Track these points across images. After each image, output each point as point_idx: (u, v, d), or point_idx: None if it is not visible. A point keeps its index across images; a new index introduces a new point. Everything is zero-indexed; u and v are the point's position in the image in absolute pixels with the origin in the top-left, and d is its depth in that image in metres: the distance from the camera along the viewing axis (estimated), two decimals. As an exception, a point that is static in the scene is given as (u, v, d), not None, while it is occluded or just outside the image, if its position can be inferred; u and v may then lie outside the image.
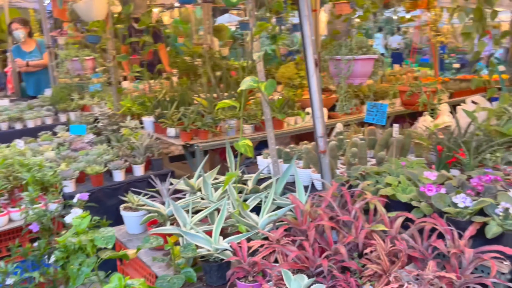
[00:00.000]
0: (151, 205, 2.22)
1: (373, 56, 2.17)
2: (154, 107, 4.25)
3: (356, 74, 2.15)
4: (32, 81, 6.21)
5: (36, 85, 6.22)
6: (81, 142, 3.85)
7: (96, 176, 3.16)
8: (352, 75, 2.14)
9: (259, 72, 2.43)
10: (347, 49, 2.12)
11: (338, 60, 2.15)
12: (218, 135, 4.01)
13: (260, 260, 1.66)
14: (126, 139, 3.73)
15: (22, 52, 6.04)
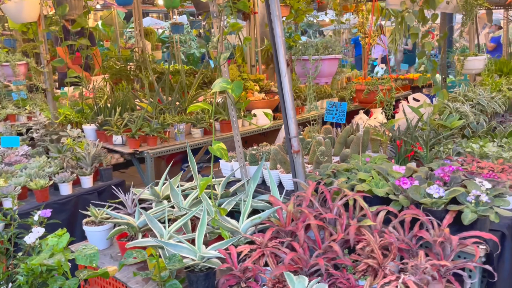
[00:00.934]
0: (119, 217, 2.08)
1: (338, 56, 2.22)
2: (95, 114, 4.00)
3: (322, 74, 2.19)
4: None
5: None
6: (15, 155, 3.52)
7: (41, 191, 2.90)
8: (318, 75, 2.18)
9: (223, 74, 2.38)
10: (314, 49, 2.15)
11: (305, 60, 2.17)
12: (166, 141, 3.88)
13: (252, 265, 1.62)
14: (68, 150, 3.47)
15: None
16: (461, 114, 3.09)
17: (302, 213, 1.85)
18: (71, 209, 3.05)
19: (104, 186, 3.27)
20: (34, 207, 2.85)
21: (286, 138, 2.18)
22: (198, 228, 1.83)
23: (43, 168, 3.21)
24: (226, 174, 2.79)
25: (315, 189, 2.00)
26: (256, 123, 4.81)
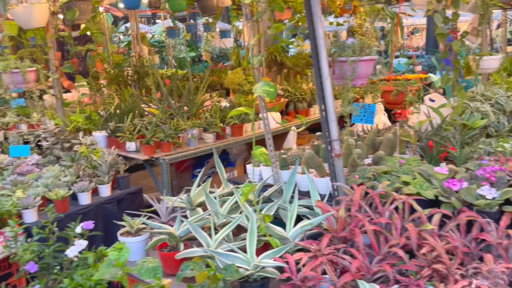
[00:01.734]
0: (158, 227, 2.01)
1: (374, 57, 2.20)
2: (105, 121, 3.90)
3: (359, 75, 2.15)
4: None
5: None
6: (26, 165, 3.40)
7: (61, 201, 2.81)
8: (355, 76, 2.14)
9: (256, 77, 2.33)
10: (351, 51, 2.11)
11: (342, 62, 2.13)
12: (180, 146, 3.81)
13: (313, 273, 1.57)
14: (82, 158, 3.37)
15: None
16: (482, 114, 3.09)
17: (353, 218, 1.81)
18: (92, 219, 2.94)
19: (122, 194, 3.19)
20: (55, 218, 2.76)
21: (325, 141, 2.14)
22: (249, 236, 1.78)
23: (59, 177, 3.11)
24: (254, 179, 2.74)
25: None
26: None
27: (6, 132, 4.93)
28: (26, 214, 2.69)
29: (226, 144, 4.11)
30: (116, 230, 2.98)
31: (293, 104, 5.30)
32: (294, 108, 5.30)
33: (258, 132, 4.51)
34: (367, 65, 2.18)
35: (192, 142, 3.85)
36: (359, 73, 2.16)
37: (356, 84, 2.20)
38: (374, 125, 3.14)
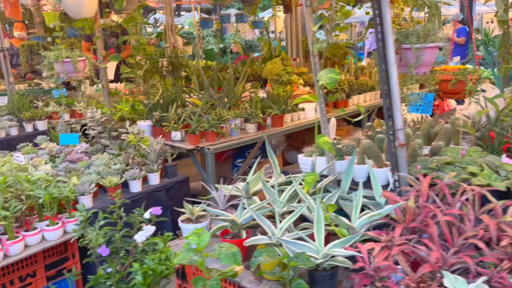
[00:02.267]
0: (220, 214, 2.02)
1: (439, 44, 2.14)
2: (150, 111, 3.94)
3: (423, 63, 2.10)
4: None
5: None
6: (75, 153, 3.48)
7: (114, 188, 2.85)
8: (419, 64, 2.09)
9: (314, 66, 2.30)
10: (415, 37, 2.06)
11: (406, 49, 2.08)
12: (224, 136, 3.82)
13: (386, 263, 1.55)
14: (130, 146, 3.42)
15: None
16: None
17: (421, 208, 1.77)
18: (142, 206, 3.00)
19: (170, 182, 3.22)
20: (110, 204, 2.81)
21: (387, 131, 2.10)
22: (316, 225, 1.76)
23: (109, 165, 3.17)
24: (306, 169, 2.72)
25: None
26: (305, 118, 4.73)
27: (50, 121, 5.06)
28: (82, 200, 2.74)
29: (268, 134, 4.09)
30: (165, 217, 3.02)
31: (331, 94, 5.24)
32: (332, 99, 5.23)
33: (298, 123, 4.48)
34: (431, 53, 2.13)
35: (235, 132, 3.85)
36: (423, 61, 2.10)
37: (419, 72, 2.15)
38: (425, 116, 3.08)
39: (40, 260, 2.62)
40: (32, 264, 2.58)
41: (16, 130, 4.83)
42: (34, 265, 2.59)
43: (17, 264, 2.49)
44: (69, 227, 2.67)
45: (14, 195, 2.56)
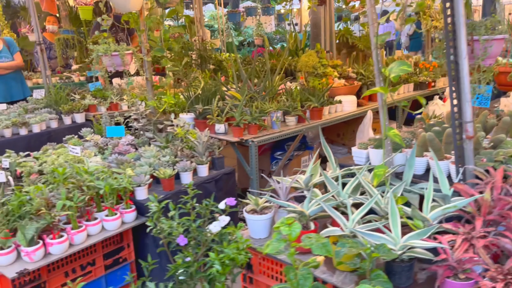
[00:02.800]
0: (288, 206, 2.04)
1: (505, 35, 2.12)
2: (192, 104, 3.98)
3: (490, 55, 2.09)
4: (1, 86, 5.53)
5: (6, 91, 5.56)
6: (122, 145, 3.54)
7: (168, 180, 2.90)
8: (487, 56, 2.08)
9: (375, 58, 2.30)
10: (483, 29, 2.05)
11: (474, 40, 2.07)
12: (266, 129, 3.84)
13: (468, 255, 1.55)
14: (176, 139, 3.46)
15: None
16: None
17: (496, 201, 1.77)
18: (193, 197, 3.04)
19: (218, 174, 3.26)
20: (164, 196, 2.86)
21: (453, 123, 2.09)
22: (391, 217, 1.77)
23: (158, 157, 3.22)
24: (360, 162, 2.73)
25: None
26: (342, 110, 4.72)
27: (87, 114, 5.14)
28: (138, 191, 2.80)
29: (308, 127, 4.10)
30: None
31: (366, 87, 5.22)
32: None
33: (335, 116, 4.48)
34: (498, 44, 2.11)
35: (276, 125, 3.87)
36: (490, 53, 2.08)
37: (485, 64, 2.13)
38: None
39: (99, 249, 2.68)
40: (92, 253, 2.65)
41: (56, 123, 4.92)
42: (93, 254, 2.66)
43: (79, 253, 2.56)
44: (127, 217, 2.73)
45: (76, 185, 2.63)
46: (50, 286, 2.45)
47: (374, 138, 2.68)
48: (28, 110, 5.20)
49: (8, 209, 2.50)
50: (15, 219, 2.46)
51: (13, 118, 4.67)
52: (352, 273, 1.77)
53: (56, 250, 2.35)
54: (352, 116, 4.64)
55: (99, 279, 2.71)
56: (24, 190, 2.60)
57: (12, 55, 5.51)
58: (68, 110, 5.04)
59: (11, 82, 5.58)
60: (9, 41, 5.61)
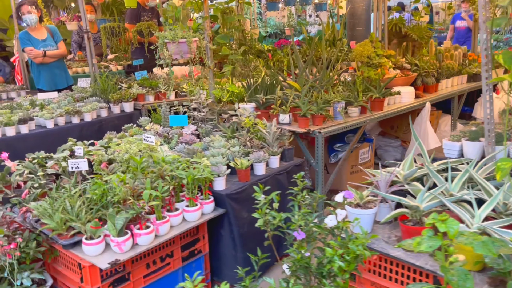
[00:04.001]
0: (397, 200, 1.94)
1: None
2: (253, 93, 3.88)
3: None
4: (46, 74, 5.48)
5: (51, 79, 5.52)
6: (187, 134, 3.47)
7: (244, 170, 2.82)
8: None
9: (483, 45, 2.16)
10: None
11: None
12: (330, 120, 3.73)
13: None
14: (242, 129, 3.37)
15: (33, 40, 5.34)
16: None
17: None
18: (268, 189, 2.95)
19: (289, 166, 3.16)
20: (240, 187, 2.78)
21: None
22: (526, 214, 1.66)
23: (227, 147, 3.13)
24: (451, 155, 2.60)
25: None
26: (400, 102, 4.58)
27: (136, 104, 5.09)
28: (217, 182, 2.72)
29: (372, 118, 3.97)
30: (287, 202, 2.97)
31: (420, 78, 5.05)
32: (422, 83, 5.05)
33: (393, 108, 4.34)
34: None
35: (341, 116, 3.75)
36: None
37: None
38: None
39: (177, 241, 2.62)
40: (170, 245, 2.59)
41: (105, 112, 4.88)
42: (172, 245, 2.60)
43: (159, 244, 2.50)
44: (206, 208, 2.66)
45: (156, 175, 2.56)
46: (134, 277, 2.40)
47: (469, 130, 2.54)
48: (75, 98, 5.18)
49: (90, 198, 2.45)
50: (98, 208, 2.41)
51: (65, 107, 4.65)
52: (481, 273, 1.66)
53: (143, 241, 2.29)
54: (411, 108, 4.49)
55: (176, 271, 2.65)
56: (104, 179, 2.55)
57: (56, 44, 5.49)
58: (117, 99, 5.00)
59: (55, 70, 5.56)
60: (53, 30, 5.57)
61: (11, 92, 6.23)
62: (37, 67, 5.39)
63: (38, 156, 3.10)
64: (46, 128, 4.32)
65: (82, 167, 2.45)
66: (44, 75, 5.43)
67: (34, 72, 5.46)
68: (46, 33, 5.50)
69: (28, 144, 4.14)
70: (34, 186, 2.77)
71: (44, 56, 5.23)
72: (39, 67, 5.39)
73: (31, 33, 5.31)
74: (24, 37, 5.27)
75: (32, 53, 5.18)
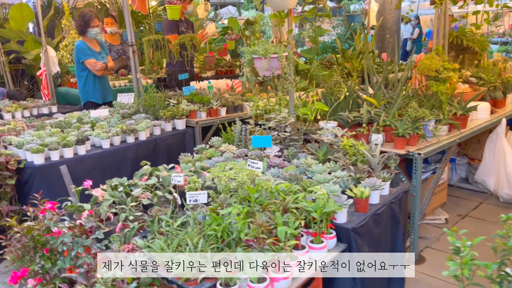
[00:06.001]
0: None
1: None
2: (334, 111, 3.61)
3: None
4: (101, 87, 5.30)
5: (103, 91, 5.35)
6: (274, 157, 3.18)
7: (364, 200, 2.53)
8: None
9: None
10: None
11: None
12: (424, 139, 3.46)
13: None
14: (339, 151, 3.09)
15: (93, 52, 5.17)
16: None
17: None
18: (384, 220, 2.66)
19: (399, 192, 2.86)
20: (363, 220, 2.48)
21: None
22: None
23: (326, 171, 2.85)
24: None
25: None
26: (476, 118, 4.33)
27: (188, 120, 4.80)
28: (339, 214, 2.43)
29: (461, 137, 3.71)
30: (398, 233, 2.69)
31: (488, 93, 4.81)
32: (490, 98, 4.80)
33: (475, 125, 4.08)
34: None
35: (435, 134, 3.48)
36: None
37: None
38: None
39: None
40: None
41: (158, 130, 4.60)
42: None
43: None
44: (329, 244, 2.37)
45: (276, 207, 2.27)
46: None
47: None
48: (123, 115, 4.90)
49: (207, 234, 2.15)
50: (222, 247, 2.11)
51: (118, 125, 4.36)
52: None
53: (282, 286, 1.99)
54: (491, 125, 4.24)
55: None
56: (221, 212, 2.25)
57: (107, 56, 5.28)
58: (169, 116, 4.72)
59: (105, 83, 5.39)
60: (101, 43, 5.36)
61: (42, 108, 5.94)
62: (94, 80, 5.15)
63: (122, 183, 2.80)
64: (102, 149, 4.03)
65: (201, 200, 2.16)
66: (99, 88, 5.25)
67: (88, 85, 5.20)
68: (98, 46, 5.31)
69: (86, 166, 3.85)
70: (129, 219, 2.47)
71: (106, 68, 5.05)
72: (96, 80, 5.16)
73: (88, 44, 5.10)
74: (87, 49, 5.04)
75: (98, 66, 4.96)
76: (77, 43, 5.07)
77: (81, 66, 5.07)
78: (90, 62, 4.99)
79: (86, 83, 5.14)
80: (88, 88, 5.17)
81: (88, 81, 5.12)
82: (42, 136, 3.96)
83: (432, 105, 4.09)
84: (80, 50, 5.03)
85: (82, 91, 5.24)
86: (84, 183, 2.67)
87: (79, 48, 5.02)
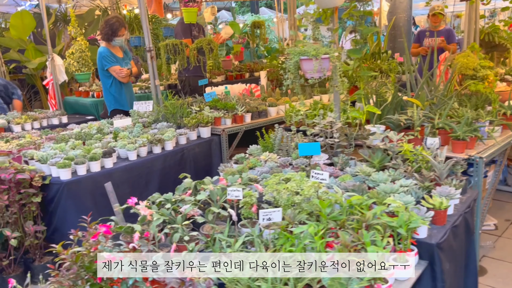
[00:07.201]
0: None
1: None
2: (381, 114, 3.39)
3: None
4: (127, 93, 5.12)
5: (131, 98, 5.18)
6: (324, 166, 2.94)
7: (443, 212, 2.29)
8: None
9: None
10: None
11: None
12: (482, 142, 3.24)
13: None
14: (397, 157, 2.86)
15: (118, 58, 4.96)
16: None
17: None
18: (461, 232, 2.43)
19: (469, 201, 2.63)
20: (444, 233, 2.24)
21: None
22: None
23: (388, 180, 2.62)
24: None
25: None
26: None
27: (213, 128, 4.56)
28: (420, 229, 2.18)
29: (514, 140, 3.50)
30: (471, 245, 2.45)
31: None
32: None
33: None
34: None
35: (491, 136, 3.27)
36: None
37: None
38: None
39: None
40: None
41: (184, 139, 4.34)
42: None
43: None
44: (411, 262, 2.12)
45: (356, 224, 2.02)
46: None
47: None
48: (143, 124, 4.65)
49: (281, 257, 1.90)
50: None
51: (144, 135, 4.11)
52: None
53: (377, 315, 1.74)
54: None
55: None
56: (294, 231, 2.00)
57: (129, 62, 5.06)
58: (194, 124, 4.47)
59: (131, 89, 5.20)
60: (124, 48, 5.13)
61: (52, 119, 5.67)
62: (120, 87, 4.93)
63: (168, 199, 2.55)
64: (129, 161, 3.77)
65: (275, 218, 1.91)
66: (125, 94, 5.04)
67: (114, 93, 4.97)
68: (120, 50, 5.09)
69: (114, 180, 3.53)
70: (185, 240, 2.22)
71: (131, 75, 4.84)
72: (122, 87, 4.96)
73: (112, 51, 4.87)
74: (110, 55, 4.81)
75: (123, 72, 4.74)
76: (100, 50, 4.83)
77: (105, 74, 4.83)
78: (115, 69, 4.76)
79: (111, 91, 4.91)
80: (114, 95, 4.94)
81: (113, 88, 4.88)
82: (65, 149, 3.69)
83: (475, 104, 3.89)
84: (104, 57, 4.80)
85: (107, 99, 5.01)
86: (129, 200, 2.41)
87: (103, 55, 4.79)
